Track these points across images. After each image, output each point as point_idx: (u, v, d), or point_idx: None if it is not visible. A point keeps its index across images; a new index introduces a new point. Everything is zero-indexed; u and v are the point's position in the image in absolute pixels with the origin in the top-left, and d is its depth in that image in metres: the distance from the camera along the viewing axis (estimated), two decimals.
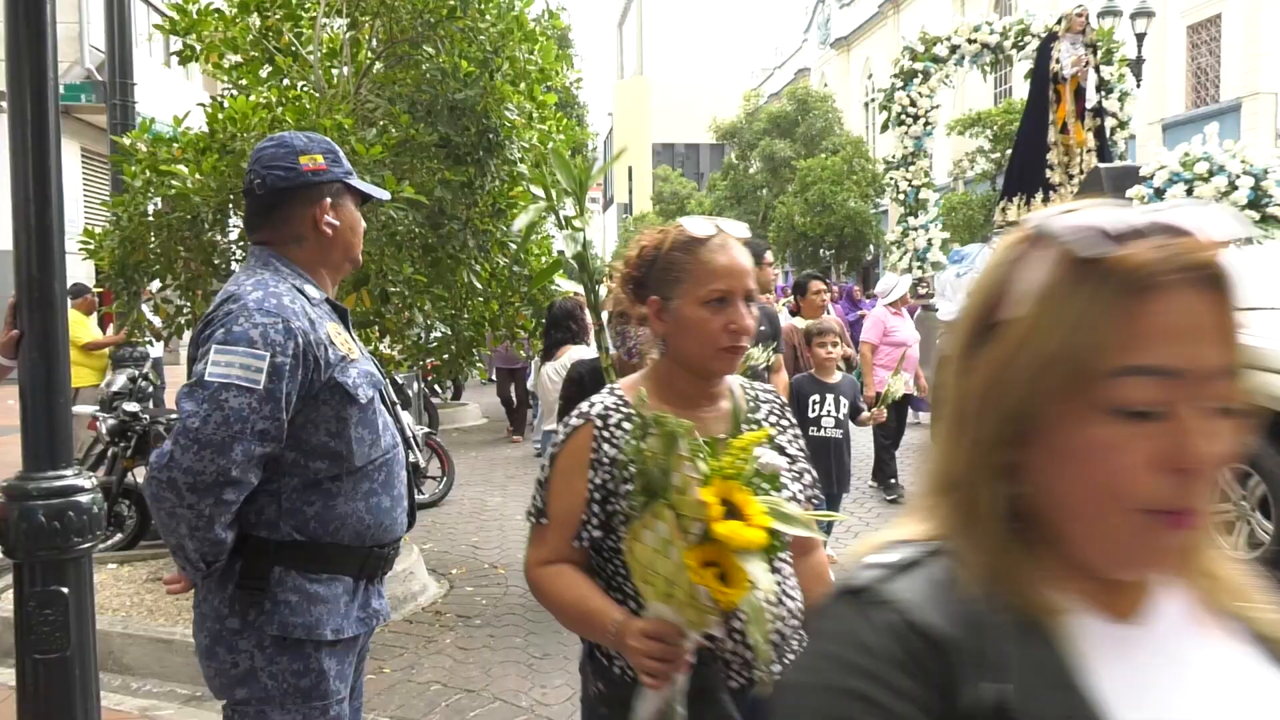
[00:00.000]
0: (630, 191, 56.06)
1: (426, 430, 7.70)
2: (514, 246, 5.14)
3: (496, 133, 4.71)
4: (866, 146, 30.49)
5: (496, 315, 5.38)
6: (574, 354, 5.13)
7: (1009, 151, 21.09)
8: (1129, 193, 6.83)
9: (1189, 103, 19.70)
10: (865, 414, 5.16)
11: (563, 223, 2.41)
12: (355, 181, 2.01)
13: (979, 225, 21.00)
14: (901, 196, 12.66)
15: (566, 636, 4.49)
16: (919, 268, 11.74)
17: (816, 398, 4.92)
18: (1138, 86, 14.31)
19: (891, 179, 12.82)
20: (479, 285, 5.04)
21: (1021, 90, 24.17)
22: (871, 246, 28.27)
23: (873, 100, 36.34)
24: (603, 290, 9.36)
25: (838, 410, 4.94)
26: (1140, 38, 13.73)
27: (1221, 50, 19.66)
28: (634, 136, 59.77)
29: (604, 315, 4.64)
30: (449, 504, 7.32)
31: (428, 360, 5.72)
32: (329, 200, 1.94)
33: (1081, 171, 9.64)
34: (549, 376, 5.50)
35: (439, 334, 5.46)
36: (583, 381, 3.39)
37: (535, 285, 5.02)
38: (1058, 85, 10.04)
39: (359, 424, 1.88)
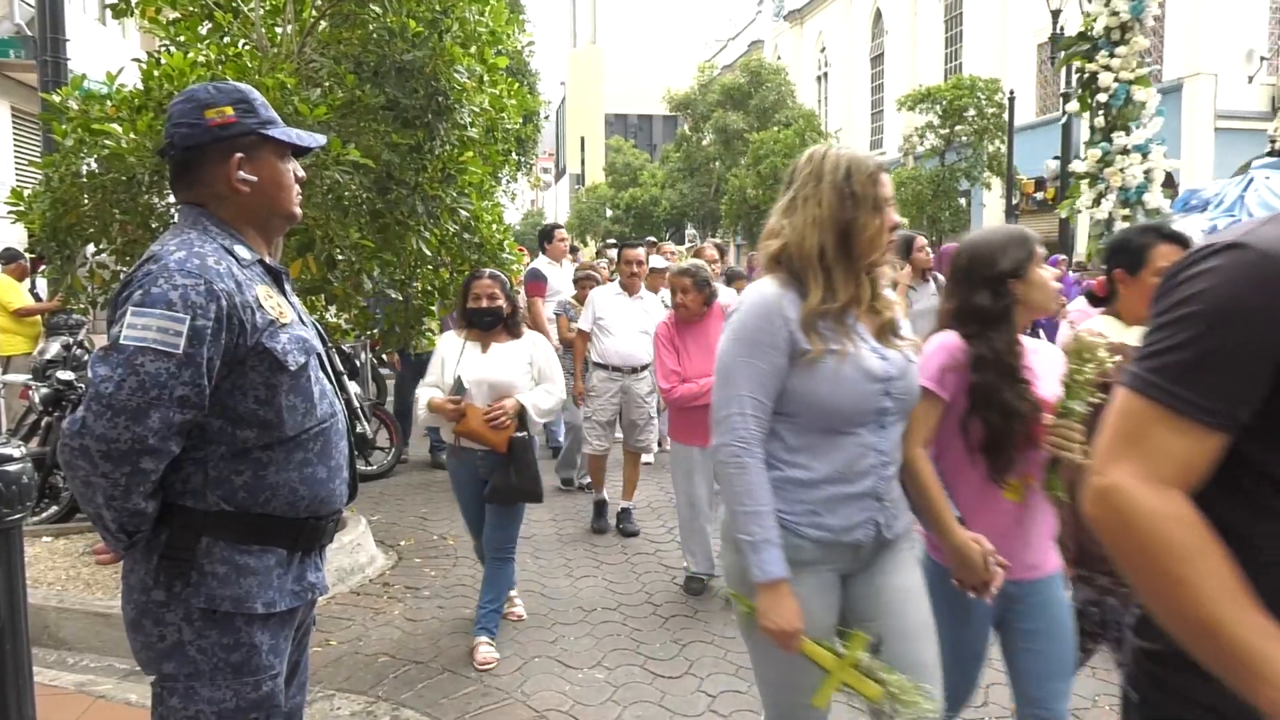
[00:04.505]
0: (583, 162, 55.63)
1: (374, 401, 7.59)
2: (465, 214, 5.04)
3: (446, 96, 4.60)
4: (819, 120, 30.58)
5: (447, 284, 5.30)
6: None
7: (958, 127, 21.37)
8: None
9: None
10: None
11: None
12: (274, 131, 1.87)
13: (927, 201, 21.21)
14: (1103, 99, 7.52)
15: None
16: (1125, 218, 7.18)
17: None
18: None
19: (1084, 72, 7.66)
20: (429, 252, 4.94)
21: (971, 66, 24.44)
22: None
23: (825, 74, 36.50)
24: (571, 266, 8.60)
25: None
26: (1087, 16, 13.86)
27: (1165, 31, 20.02)
28: (587, 106, 59.35)
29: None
30: (397, 475, 7.24)
31: (375, 330, 5.61)
32: (240, 155, 1.83)
33: None
34: None
35: (389, 300, 5.36)
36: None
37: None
38: None
39: (290, 391, 1.80)
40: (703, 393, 4.38)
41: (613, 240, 7.24)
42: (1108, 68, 7.36)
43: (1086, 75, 7.51)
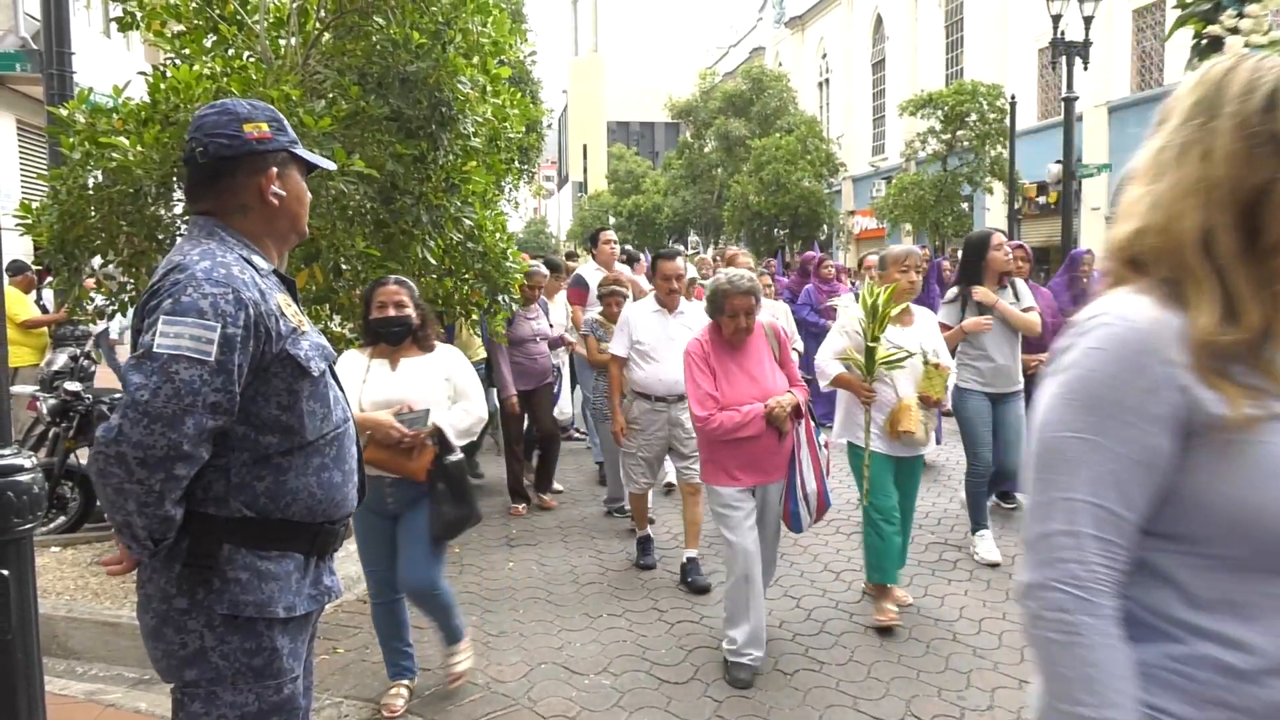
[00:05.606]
0: (585, 170, 55.75)
1: None
2: (468, 223, 5.07)
3: (449, 106, 4.63)
4: (820, 126, 30.62)
5: (451, 292, 5.32)
6: None
7: (960, 132, 21.38)
8: None
9: (1134, 85, 20.03)
10: None
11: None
12: (301, 151, 1.97)
13: (930, 207, 21.24)
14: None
15: (523, 614, 4.49)
16: None
17: None
18: (1085, 69, 14.49)
19: (1202, 38, 6.34)
20: (433, 261, 4.97)
21: (973, 71, 24.46)
22: (825, 226, 28.47)
23: (826, 80, 36.53)
24: (592, 269, 8.28)
25: None
26: (1088, 21, 13.88)
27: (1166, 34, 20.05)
28: (589, 114, 59.45)
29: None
30: None
31: None
32: (275, 170, 1.90)
33: None
34: None
35: None
36: None
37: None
38: None
39: (310, 397, 1.85)
40: (747, 422, 3.74)
41: (661, 249, 6.14)
42: (1235, 30, 5.72)
43: (1206, 42, 6.03)
